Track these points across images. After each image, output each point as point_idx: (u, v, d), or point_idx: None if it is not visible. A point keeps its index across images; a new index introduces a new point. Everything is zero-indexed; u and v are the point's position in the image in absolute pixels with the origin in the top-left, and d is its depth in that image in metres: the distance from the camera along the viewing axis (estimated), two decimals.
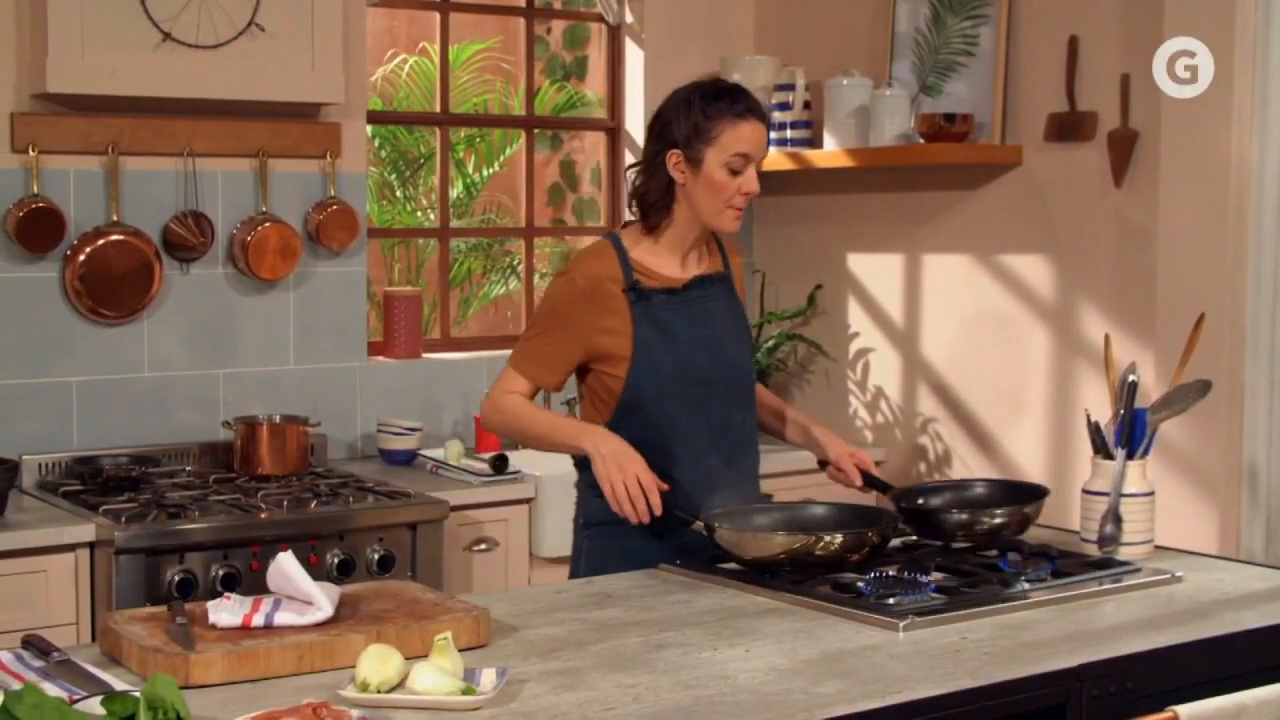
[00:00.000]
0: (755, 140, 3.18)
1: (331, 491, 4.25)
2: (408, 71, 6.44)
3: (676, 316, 3.23)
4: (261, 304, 4.65)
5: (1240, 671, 2.62)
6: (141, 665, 2.37)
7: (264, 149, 4.58)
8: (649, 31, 5.35)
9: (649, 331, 3.20)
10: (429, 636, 2.46)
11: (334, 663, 2.40)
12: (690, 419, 3.23)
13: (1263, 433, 4.14)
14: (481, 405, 3.36)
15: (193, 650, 2.33)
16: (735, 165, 3.15)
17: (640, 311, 3.20)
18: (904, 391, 5.10)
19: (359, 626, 2.49)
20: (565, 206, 6.74)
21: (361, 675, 2.26)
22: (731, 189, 3.16)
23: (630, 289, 3.21)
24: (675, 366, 3.21)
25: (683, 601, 2.86)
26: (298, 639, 2.41)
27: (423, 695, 2.23)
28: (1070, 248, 4.58)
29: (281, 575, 2.56)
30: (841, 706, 2.24)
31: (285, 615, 2.49)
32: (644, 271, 3.24)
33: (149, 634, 2.43)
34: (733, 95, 3.21)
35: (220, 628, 2.46)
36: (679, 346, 3.22)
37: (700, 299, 3.28)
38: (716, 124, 3.15)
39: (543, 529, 4.49)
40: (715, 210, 3.19)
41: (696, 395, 3.23)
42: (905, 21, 5.00)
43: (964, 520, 3.16)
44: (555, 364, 3.25)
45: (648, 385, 3.20)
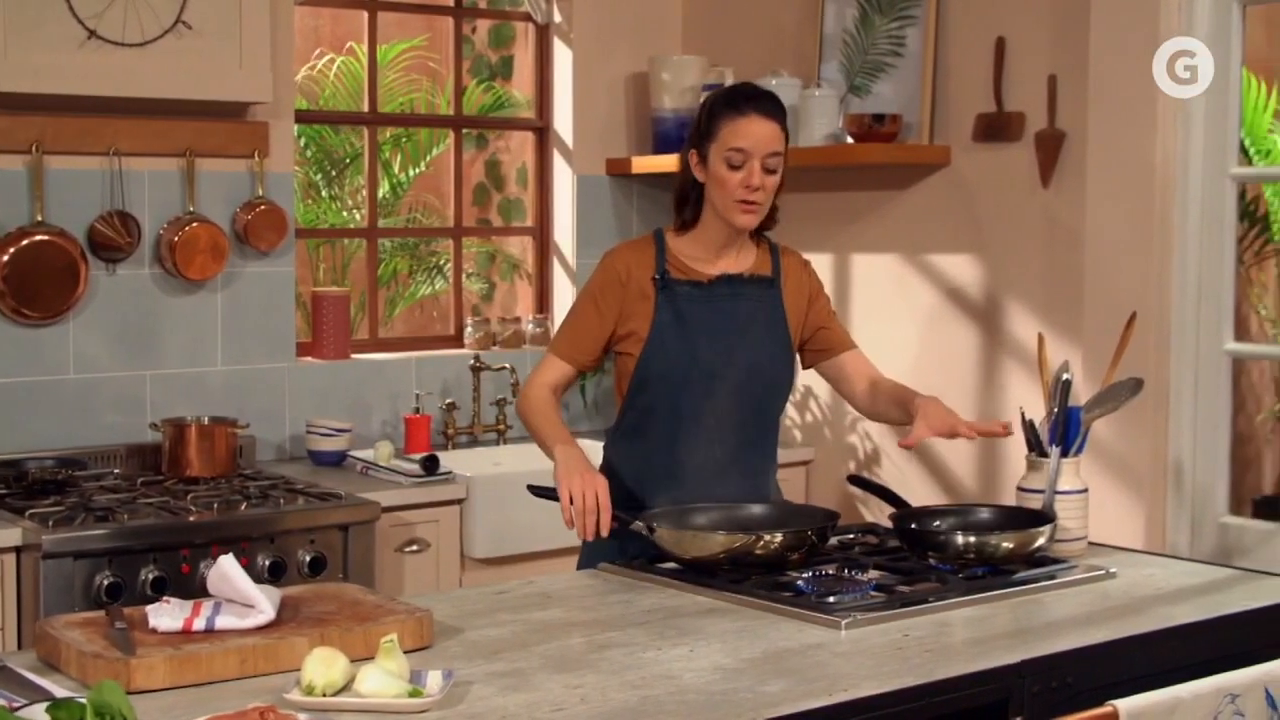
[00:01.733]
0: (753, 136, 3.25)
1: (262, 493, 4.21)
2: (335, 71, 6.40)
3: (698, 309, 3.34)
4: (189, 305, 4.61)
5: (1175, 666, 2.65)
6: (81, 671, 2.34)
7: (191, 148, 4.54)
8: (577, 31, 5.34)
9: (667, 318, 3.32)
10: (372, 639, 2.45)
11: (277, 666, 2.39)
12: (695, 408, 3.33)
13: (1188, 430, 4.19)
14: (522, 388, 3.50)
15: (134, 655, 2.31)
16: (733, 160, 3.24)
17: (663, 299, 3.33)
18: (833, 391, 5.10)
19: (301, 629, 2.47)
20: (490, 206, 6.72)
21: (307, 678, 2.24)
22: (734, 184, 3.26)
23: (658, 278, 3.33)
24: (686, 355, 3.31)
25: (623, 601, 2.86)
26: (240, 642, 2.39)
27: (369, 698, 2.22)
28: (998, 247, 4.62)
29: (222, 578, 2.54)
30: (788, 705, 2.25)
31: (226, 619, 2.47)
32: (676, 265, 3.37)
33: (88, 639, 2.40)
34: (741, 94, 3.35)
35: (161, 632, 2.43)
36: (694, 337, 3.32)
37: (727, 296, 3.37)
38: (717, 121, 3.29)
39: (474, 530, 4.48)
40: (725, 206, 3.30)
41: (706, 387, 3.33)
42: (833, 22, 5.03)
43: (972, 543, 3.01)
44: (586, 344, 3.40)
45: (656, 369, 3.33)
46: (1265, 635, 2.84)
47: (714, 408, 3.33)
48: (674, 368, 3.31)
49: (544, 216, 5.47)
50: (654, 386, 3.33)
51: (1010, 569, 3.01)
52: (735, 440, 3.36)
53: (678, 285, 3.34)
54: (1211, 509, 4.19)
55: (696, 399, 3.32)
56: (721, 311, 3.35)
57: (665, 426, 3.34)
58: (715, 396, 3.33)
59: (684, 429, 3.32)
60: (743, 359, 3.35)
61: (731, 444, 3.35)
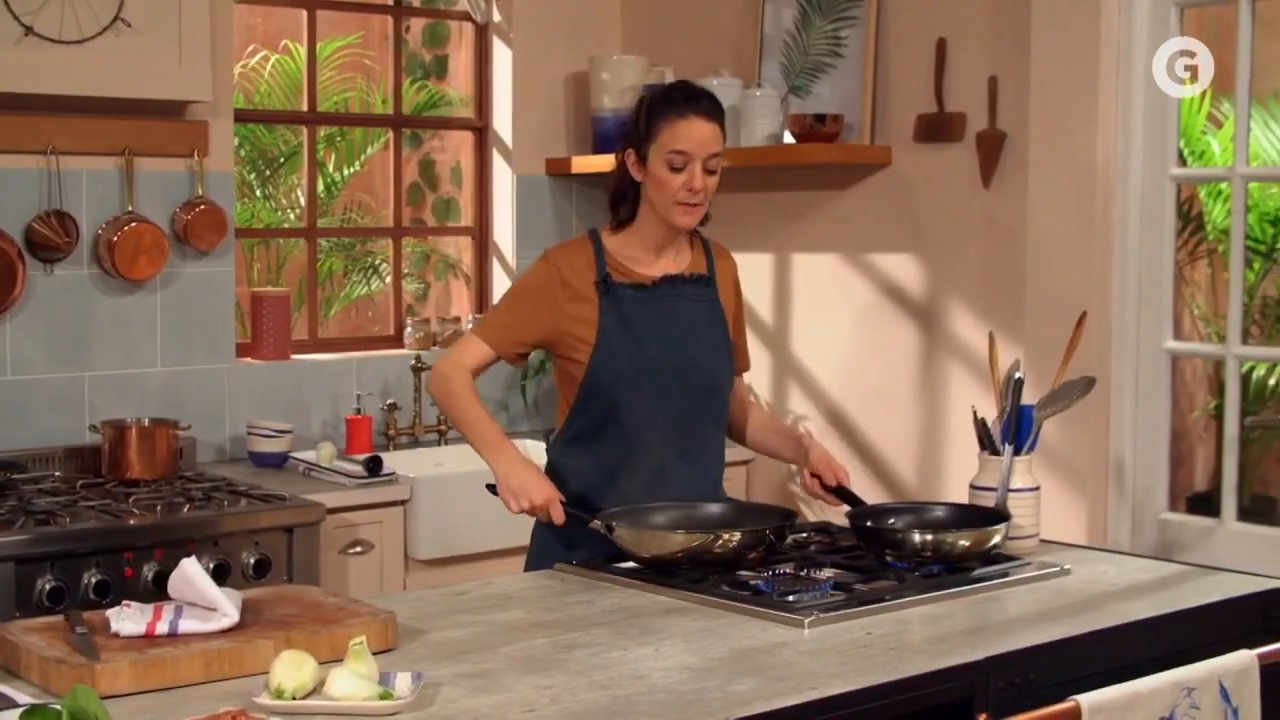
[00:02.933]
0: (695, 138, 3.25)
1: (204, 495, 4.17)
2: (269, 69, 6.34)
3: (643, 311, 3.33)
4: (127, 305, 4.56)
5: (1133, 660, 2.69)
6: (43, 677, 2.31)
7: (130, 147, 4.49)
8: (517, 31, 5.33)
9: (613, 323, 3.30)
10: (338, 641, 2.44)
11: (243, 669, 2.37)
12: (647, 411, 3.31)
13: (1129, 428, 4.25)
14: (433, 367, 3.44)
15: (98, 660, 2.28)
16: (674, 162, 3.25)
17: (608, 303, 3.31)
18: (774, 390, 5.14)
19: (266, 632, 2.45)
20: (425, 206, 6.68)
21: (276, 682, 2.23)
22: (675, 185, 3.26)
23: (600, 281, 3.31)
24: (636, 359, 3.30)
25: (584, 602, 2.86)
26: (205, 646, 2.37)
27: (341, 701, 2.21)
28: (939, 247, 4.65)
29: (184, 581, 2.51)
30: (760, 704, 2.26)
31: (190, 622, 2.45)
32: (616, 267, 3.34)
33: (49, 644, 2.37)
34: (680, 95, 3.32)
35: (123, 636, 2.41)
36: (642, 341, 3.31)
37: (670, 297, 3.37)
38: (657, 123, 3.27)
39: (418, 531, 4.46)
40: (665, 207, 3.29)
41: (656, 389, 3.31)
42: (773, 23, 5.05)
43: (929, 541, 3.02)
44: (516, 335, 3.36)
45: (607, 374, 3.30)
46: (1218, 630, 2.87)
47: (666, 410, 3.32)
48: (624, 372, 3.30)
49: (483, 216, 5.46)
50: (605, 392, 3.31)
51: (966, 566, 3.04)
52: (688, 442, 3.36)
53: (621, 288, 3.33)
54: (1152, 505, 4.25)
55: (649, 402, 3.31)
56: (667, 313, 3.35)
57: (618, 431, 3.31)
58: (667, 399, 3.32)
59: (637, 433, 3.31)
60: (691, 360, 3.35)
61: (684, 446, 3.35)
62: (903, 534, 3.05)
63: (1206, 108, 6.04)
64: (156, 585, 3.86)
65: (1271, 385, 5.96)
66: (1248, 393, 4.43)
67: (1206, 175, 6.14)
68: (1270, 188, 6.12)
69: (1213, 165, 6.17)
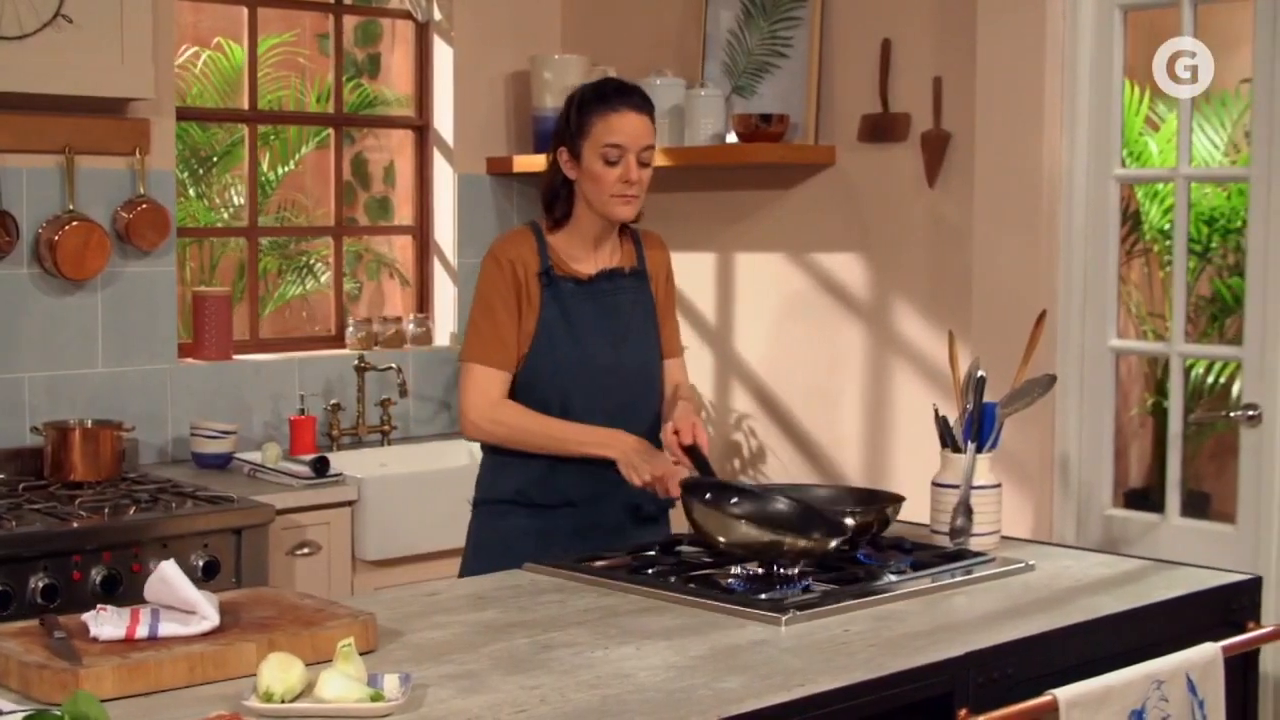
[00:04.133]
0: (628, 131, 3.30)
1: (151, 497, 4.13)
2: (200, 66, 6.28)
3: (583, 306, 3.36)
4: (68, 305, 4.49)
5: (1102, 655, 2.72)
6: (23, 683, 2.27)
7: (70, 145, 4.43)
8: (458, 29, 5.31)
9: (554, 317, 3.33)
10: (320, 643, 2.42)
11: (226, 673, 2.34)
12: (585, 407, 3.33)
13: (1074, 426, 4.30)
14: (465, 416, 3.36)
15: (81, 665, 2.25)
16: (609, 156, 3.29)
17: (549, 296, 3.34)
18: (717, 389, 5.16)
19: (248, 635, 2.42)
20: (358, 205, 6.64)
21: (264, 685, 2.20)
22: (611, 179, 3.30)
23: (543, 274, 3.33)
24: (576, 354, 3.33)
25: (557, 601, 2.86)
26: (188, 649, 2.34)
27: (333, 703, 2.19)
28: (884, 246, 4.69)
29: (163, 583, 2.48)
30: (750, 701, 2.26)
31: (170, 625, 2.41)
32: (557, 261, 3.37)
33: (27, 650, 2.33)
34: (610, 89, 3.38)
35: (103, 641, 2.37)
36: (582, 336, 3.34)
37: (609, 291, 3.40)
38: (589, 118, 3.31)
39: (365, 531, 4.44)
40: (602, 201, 3.32)
41: (596, 385, 3.34)
42: (716, 23, 5.06)
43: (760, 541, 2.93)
44: (511, 344, 3.34)
45: (546, 369, 3.33)
46: (1183, 623, 2.92)
47: (605, 405, 3.35)
48: (565, 367, 3.32)
49: (424, 216, 5.43)
50: (545, 386, 3.33)
51: (932, 562, 3.06)
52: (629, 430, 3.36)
53: (562, 282, 3.35)
54: (1097, 501, 4.30)
55: (589, 398, 3.34)
56: (605, 308, 3.38)
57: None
58: (605, 394, 3.36)
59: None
60: (629, 355, 3.39)
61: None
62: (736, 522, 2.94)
63: (1145, 109, 6.13)
64: (105, 589, 3.82)
65: (1210, 383, 6.07)
66: (1186, 390, 4.50)
67: (1150, 176, 6.23)
68: (1205, 188, 6.21)
69: (1151, 166, 6.25)
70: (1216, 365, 6.15)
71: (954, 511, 3.20)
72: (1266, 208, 3.94)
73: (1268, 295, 3.95)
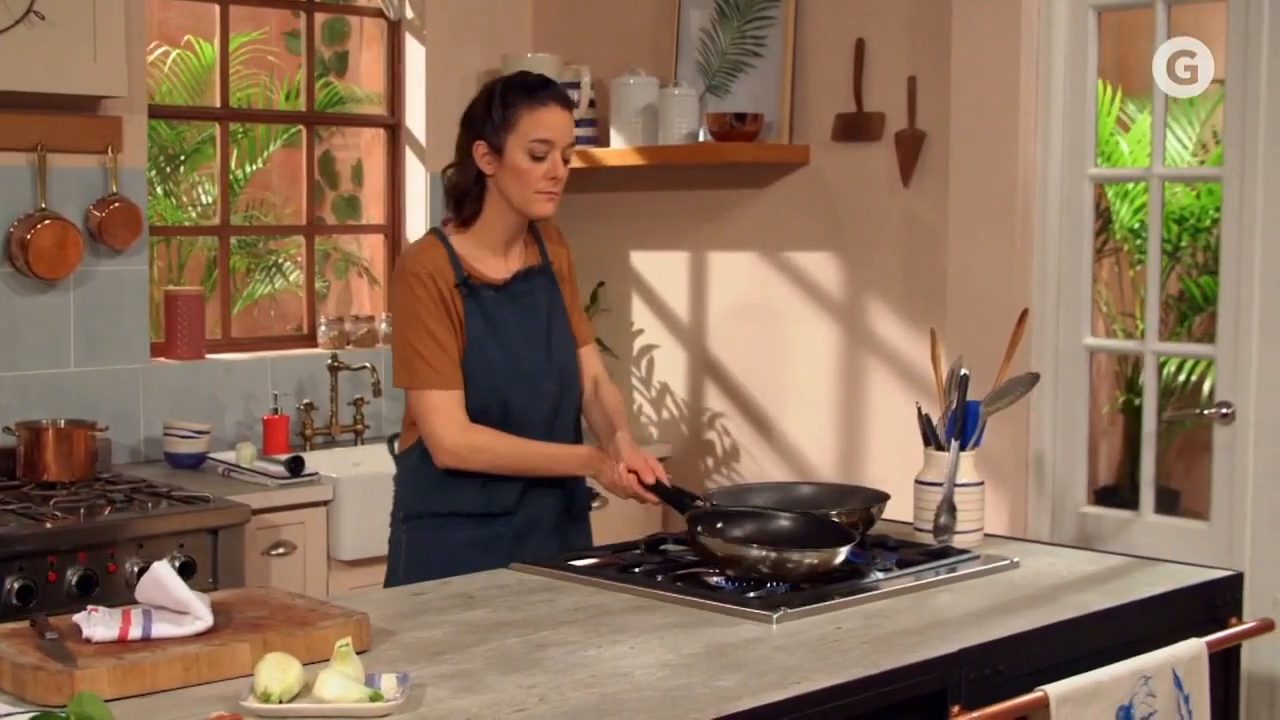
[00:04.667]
0: (556, 125, 3.27)
1: (126, 497, 4.10)
2: (169, 65, 6.24)
3: (504, 312, 3.31)
4: (41, 305, 4.46)
5: (1092, 650, 2.74)
6: (17, 685, 2.25)
7: (42, 143, 4.40)
8: (430, 28, 5.29)
9: (480, 326, 3.28)
10: (314, 643, 2.42)
11: (221, 673, 2.33)
12: (521, 413, 3.32)
13: (1048, 424, 4.32)
14: (440, 445, 3.27)
15: (76, 666, 2.24)
16: (537, 151, 3.24)
17: (472, 306, 3.28)
18: (690, 388, 5.16)
19: (242, 635, 2.41)
20: (325, 204, 6.62)
21: (262, 685, 2.20)
22: (537, 174, 3.25)
23: (462, 284, 3.27)
24: (507, 361, 3.29)
25: (546, 600, 2.85)
26: (183, 650, 2.33)
27: (333, 703, 2.18)
28: (858, 245, 4.70)
29: (155, 584, 2.47)
30: (748, 699, 2.27)
31: (163, 626, 2.40)
32: (469, 268, 3.30)
33: (20, 651, 2.31)
34: (533, 83, 3.32)
35: (96, 642, 2.36)
36: (509, 341, 3.30)
37: (525, 293, 3.36)
38: (515, 111, 3.25)
39: (341, 531, 4.42)
40: (525, 197, 3.27)
41: (528, 390, 3.32)
42: (689, 21, 5.06)
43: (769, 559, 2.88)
44: (453, 359, 3.27)
45: (482, 378, 3.27)
46: (1169, 619, 2.94)
47: (541, 408, 3.34)
48: (498, 375, 3.28)
49: (395, 215, 5.41)
50: (479, 396, 3.28)
51: (917, 560, 3.08)
52: (559, 431, 3.39)
53: (481, 289, 3.30)
54: (1071, 499, 4.32)
55: (523, 403, 3.32)
56: (525, 310, 3.35)
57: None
58: (542, 397, 3.34)
59: (513, 433, 3.30)
60: (555, 354, 3.38)
61: (558, 436, 3.38)
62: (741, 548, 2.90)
63: (1116, 110, 6.16)
64: (80, 589, 3.80)
65: (1181, 381, 6.11)
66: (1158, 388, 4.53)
67: (1124, 175, 6.27)
68: (1176, 187, 6.25)
69: (1123, 166, 6.28)
70: (1187, 363, 6.19)
71: (938, 509, 3.22)
72: (1239, 207, 3.98)
73: (1240, 294, 3.98)
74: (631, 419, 5.28)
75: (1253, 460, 3.98)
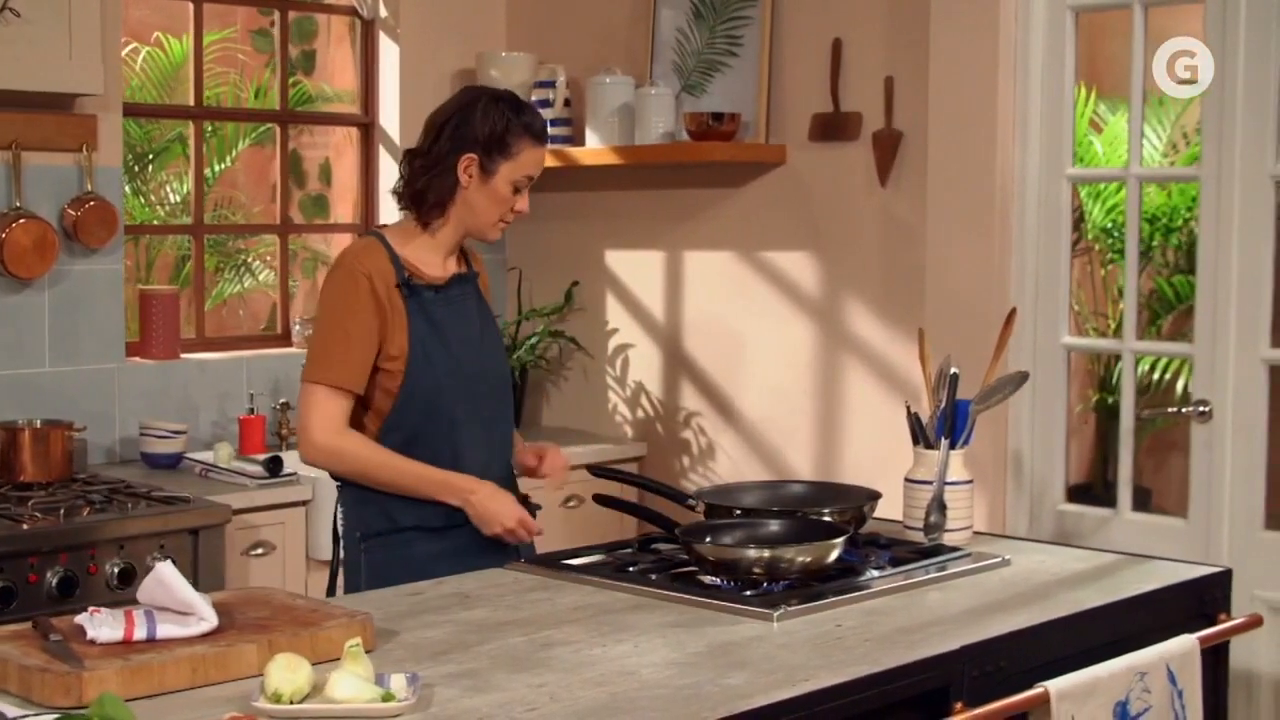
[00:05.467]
0: (540, 164, 3.34)
1: (105, 498, 4.07)
2: (140, 62, 6.20)
3: (445, 314, 3.31)
4: (15, 304, 4.42)
5: (1088, 646, 2.76)
6: (24, 687, 2.24)
7: (17, 141, 4.36)
8: (404, 26, 5.28)
9: (423, 328, 3.26)
10: (319, 644, 2.41)
11: (228, 674, 2.33)
12: (466, 414, 3.32)
13: (1026, 422, 4.35)
14: (307, 440, 3.26)
15: (84, 668, 2.22)
16: (520, 185, 3.29)
17: (414, 307, 3.26)
18: (665, 387, 5.17)
19: (246, 636, 2.41)
20: (291, 203, 6.59)
21: (273, 686, 2.19)
22: (508, 205, 3.30)
23: (402, 285, 3.25)
24: (450, 363, 3.28)
25: (545, 599, 2.86)
26: (190, 651, 2.33)
27: (345, 704, 2.18)
28: (835, 244, 4.71)
29: (159, 584, 2.46)
30: (759, 697, 2.28)
31: (168, 627, 2.39)
32: (411, 269, 3.29)
33: (25, 653, 2.30)
34: (531, 113, 3.34)
35: (101, 643, 2.34)
36: (450, 344, 3.29)
37: (460, 298, 3.37)
38: (520, 141, 3.27)
39: (319, 531, 4.40)
40: (489, 221, 3.30)
41: (470, 391, 3.32)
42: (665, 21, 5.06)
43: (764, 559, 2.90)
44: (361, 364, 3.23)
45: (426, 381, 3.26)
46: (1161, 615, 2.97)
47: (482, 412, 3.35)
48: (442, 377, 3.26)
49: (369, 213, 5.40)
50: (424, 399, 3.26)
51: (910, 558, 3.09)
52: (499, 440, 3.41)
53: (422, 291, 3.28)
54: (1049, 497, 4.35)
55: (467, 405, 3.31)
56: (463, 314, 3.35)
57: (442, 438, 3.28)
58: (481, 401, 3.34)
59: (460, 437, 3.30)
60: (490, 359, 3.39)
61: (495, 443, 3.39)
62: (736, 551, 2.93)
63: (1090, 111, 6.20)
64: (61, 590, 3.78)
65: (1155, 379, 6.16)
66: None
67: (1102, 175, 6.32)
68: (1148, 187, 6.30)
69: (1096, 166, 6.32)
70: (1160, 362, 6.25)
71: (928, 507, 3.23)
72: (1216, 207, 4.01)
73: (1217, 293, 4.02)
74: (605, 418, 5.30)
75: (1230, 458, 4.01)
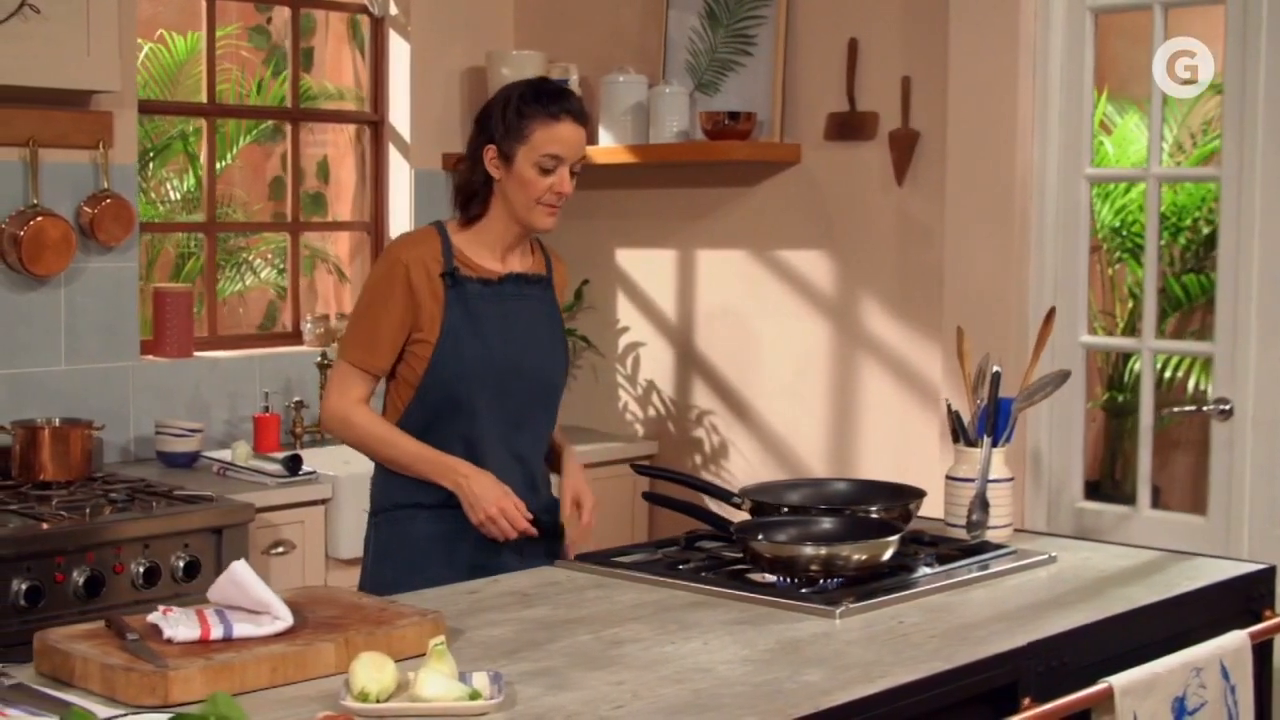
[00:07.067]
0: (569, 142, 3.26)
1: (127, 497, 4.06)
2: (143, 59, 6.16)
3: (488, 308, 3.30)
4: (31, 302, 4.40)
5: (1143, 643, 2.78)
6: (107, 686, 2.23)
7: (34, 138, 4.33)
8: (414, 24, 5.27)
9: (458, 317, 3.27)
10: (394, 642, 2.41)
11: (306, 673, 2.32)
12: (488, 409, 3.30)
13: (1045, 420, 4.37)
14: (324, 410, 3.39)
15: (169, 667, 2.21)
16: (546, 165, 3.24)
17: (453, 297, 3.27)
18: (677, 385, 5.17)
19: (322, 635, 2.40)
20: (288, 200, 6.57)
21: (359, 685, 2.18)
22: (542, 187, 3.25)
23: (447, 274, 3.27)
24: (480, 355, 3.27)
25: (602, 597, 2.86)
26: (268, 650, 2.32)
27: (434, 702, 2.17)
28: (851, 244, 4.73)
29: (233, 584, 2.46)
30: (840, 694, 2.28)
31: (243, 626, 2.39)
32: (463, 260, 3.30)
33: (105, 652, 2.29)
34: (551, 95, 3.30)
35: (179, 642, 2.34)
36: (486, 337, 3.28)
37: (515, 295, 3.35)
38: (530, 123, 3.24)
39: (339, 530, 4.40)
40: (526, 207, 3.27)
41: (498, 387, 3.30)
42: (677, 20, 5.07)
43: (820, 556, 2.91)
44: (387, 347, 3.29)
45: (449, 370, 3.27)
46: (1211, 612, 2.99)
47: (508, 406, 3.33)
48: (468, 368, 3.27)
49: (379, 212, 5.38)
50: (448, 387, 3.27)
51: (956, 556, 3.11)
52: (526, 437, 3.39)
53: (467, 282, 3.29)
54: (1068, 494, 4.38)
55: (491, 398, 3.30)
56: (510, 311, 3.34)
57: (461, 427, 3.29)
58: (510, 396, 3.33)
59: (479, 430, 3.30)
60: (532, 358, 3.36)
61: (524, 441, 3.38)
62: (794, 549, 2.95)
63: (1101, 111, 6.24)
64: (88, 590, 3.77)
65: (1168, 377, 6.20)
66: (1140, 384, 4.60)
67: (1122, 175, 6.35)
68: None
69: (1107, 166, 6.35)
70: (1173, 360, 6.29)
71: (971, 505, 3.25)
72: (1237, 206, 4.04)
73: (1238, 292, 4.05)
74: (616, 416, 5.30)
75: (1250, 456, 4.04)
